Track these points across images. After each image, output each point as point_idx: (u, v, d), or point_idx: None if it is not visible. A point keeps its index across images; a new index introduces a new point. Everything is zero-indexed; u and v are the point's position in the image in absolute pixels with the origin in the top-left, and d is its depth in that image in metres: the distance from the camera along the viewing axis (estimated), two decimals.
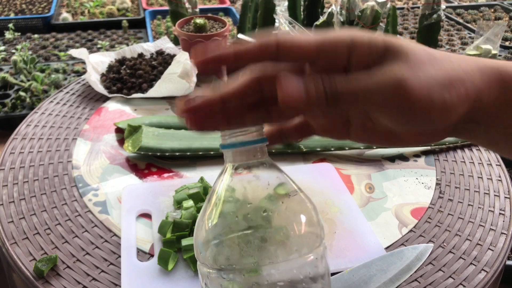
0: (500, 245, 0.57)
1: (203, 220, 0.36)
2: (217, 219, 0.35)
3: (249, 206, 0.35)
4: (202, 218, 0.36)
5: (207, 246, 0.35)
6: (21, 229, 0.57)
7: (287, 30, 0.95)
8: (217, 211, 0.35)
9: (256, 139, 0.36)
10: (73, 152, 0.71)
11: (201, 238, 0.35)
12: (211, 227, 0.35)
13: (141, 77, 0.89)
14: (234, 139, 0.36)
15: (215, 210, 0.35)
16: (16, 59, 1.77)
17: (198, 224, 0.36)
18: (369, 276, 0.50)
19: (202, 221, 0.36)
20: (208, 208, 0.36)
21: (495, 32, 1.23)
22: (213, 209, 0.35)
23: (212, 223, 0.35)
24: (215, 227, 0.35)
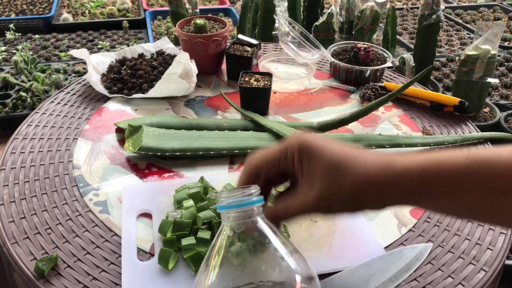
0: (499, 245, 0.57)
1: (202, 277, 0.38)
2: (216, 277, 0.37)
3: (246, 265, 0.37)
4: (201, 275, 0.39)
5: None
6: (22, 228, 0.57)
7: (286, 30, 0.95)
8: (215, 269, 0.38)
9: (253, 200, 0.39)
10: (74, 152, 0.71)
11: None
12: (210, 284, 0.37)
13: (141, 77, 0.89)
14: (232, 200, 0.39)
15: (214, 268, 0.38)
16: (17, 60, 1.78)
17: (198, 280, 0.39)
18: (369, 275, 0.51)
19: (202, 278, 0.38)
20: (208, 266, 0.38)
21: (494, 33, 1.23)
22: (212, 267, 0.38)
23: (211, 280, 0.37)
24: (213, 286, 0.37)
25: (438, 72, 1.88)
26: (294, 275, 0.37)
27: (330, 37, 1.51)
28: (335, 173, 0.40)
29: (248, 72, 0.86)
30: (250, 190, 0.40)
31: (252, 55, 0.92)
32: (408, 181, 0.39)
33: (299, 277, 0.37)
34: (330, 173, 0.41)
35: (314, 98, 0.89)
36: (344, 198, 0.41)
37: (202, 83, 0.92)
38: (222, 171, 0.69)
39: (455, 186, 0.38)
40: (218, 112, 0.84)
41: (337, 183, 0.40)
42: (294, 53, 0.96)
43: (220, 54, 0.95)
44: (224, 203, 0.39)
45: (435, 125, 0.82)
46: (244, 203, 0.39)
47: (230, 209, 0.39)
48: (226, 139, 0.72)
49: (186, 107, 0.85)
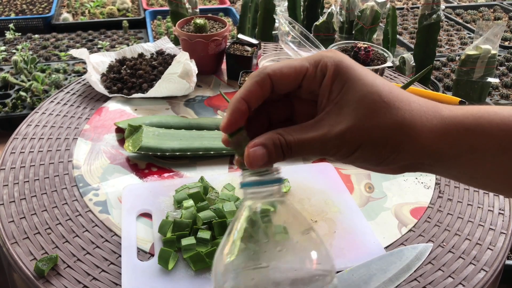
0: (500, 245, 0.57)
1: (222, 254, 0.38)
2: (235, 254, 0.37)
3: (265, 243, 0.37)
4: (221, 252, 0.39)
5: (225, 279, 0.37)
6: (21, 228, 0.57)
7: (286, 30, 0.95)
8: (235, 246, 0.38)
9: (274, 179, 0.38)
10: (74, 152, 0.71)
11: (220, 271, 0.38)
12: (229, 262, 0.37)
13: (141, 77, 0.89)
14: (254, 178, 0.38)
15: (233, 245, 0.38)
16: (17, 59, 1.78)
17: (217, 257, 0.39)
18: (369, 275, 0.50)
19: (221, 255, 0.38)
20: (227, 243, 0.38)
21: (494, 32, 1.23)
22: (231, 244, 0.38)
23: (230, 258, 0.37)
24: (233, 262, 0.37)
25: (439, 71, 1.88)
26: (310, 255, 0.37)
27: (330, 36, 1.51)
28: (375, 108, 0.33)
29: (248, 72, 0.86)
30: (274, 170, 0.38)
31: (252, 55, 0.92)
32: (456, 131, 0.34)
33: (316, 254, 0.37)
34: (369, 106, 0.33)
35: None
36: (379, 140, 0.33)
37: (202, 83, 0.92)
38: (222, 171, 0.69)
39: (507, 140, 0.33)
40: (218, 112, 0.84)
41: (376, 120, 0.33)
42: (294, 52, 0.96)
43: (220, 54, 0.95)
44: (247, 180, 0.38)
45: None
46: (267, 181, 0.38)
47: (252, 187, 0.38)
48: None
49: (186, 107, 0.85)
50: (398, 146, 0.34)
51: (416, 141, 0.34)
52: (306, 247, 0.37)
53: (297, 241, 0.38)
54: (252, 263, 0.37)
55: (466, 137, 0.34)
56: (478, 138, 0.34)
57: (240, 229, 0.38)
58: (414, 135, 0.34)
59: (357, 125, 0.33)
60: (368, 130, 0.33)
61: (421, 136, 0.34)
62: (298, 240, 0.38)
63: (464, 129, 0.34)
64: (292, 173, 0.66)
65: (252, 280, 0.36)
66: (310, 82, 0.35)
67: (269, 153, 0.35)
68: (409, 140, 0.34)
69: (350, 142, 0.34)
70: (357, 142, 0.34)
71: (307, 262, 0.37)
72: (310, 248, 0.37)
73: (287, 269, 0.36)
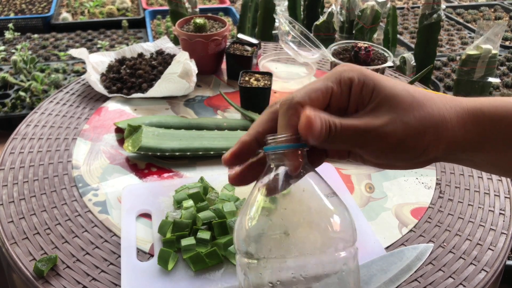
0: (500, 245, 0.57)
1: (244, 219, 0.38)
2: (257, 220, 0.37)
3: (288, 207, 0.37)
4: (242, 218, 0.38)
5: (248, 242, 0.37)
6: (21, 229, 0.57)
7: (286, 29, 0.95)
8: (257, 211, 0.38)
9: (297, 144, 0.38)
10: (73, 152, 0.71)
11: (242, 234, 0.38)
12: (251, 226, 0.37)
13: (141, 77, 0.89)
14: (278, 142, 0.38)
15: (255, 210, 0.38)
16: (16, 59, 1.77)
17: (240, 221, 0.39)
18: (370, 276, 0.50)
19: (243, 220, 0.38)
20: (249, 207, 0.38)
21: (495, 32, 1.23)
22: (253, 209, 0.38)
23: (251, 223, 0.37)
24: (255, 227, 0.37)
25: (439, 71, 1.88)
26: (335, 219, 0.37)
27: (330, 36, 1.50)
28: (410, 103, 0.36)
29: (248, 72, 0.85)
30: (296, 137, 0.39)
31: (252, 54, 0.91)
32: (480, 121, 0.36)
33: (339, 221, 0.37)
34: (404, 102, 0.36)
35: None
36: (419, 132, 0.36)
37: (201, 83, 0.92)
38: (222, 171, 0.68)
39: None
40: (218, 112, 0.83)
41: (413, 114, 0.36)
42: (294, 52, 0.96)
43: (220, 53, 0.94)
44: (271, 144, 0.39)
45: None
46: (290, 145, 0.38)
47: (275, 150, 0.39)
48: (226, 139, 0.72)
49: (185, 106, 0.85)
50: (435, 135, 0.36)
51: (448, 130, 0.36)
52: (329, 210, 0.38)
53: (317, 208, 0.38)
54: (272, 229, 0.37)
55: (486, 125, 0.36)
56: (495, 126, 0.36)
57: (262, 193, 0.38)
58: (445, 127, 0.36)
59: (397, 118, 0.35)
60: (407, 123, 0.35)
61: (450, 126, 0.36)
62: (317, 208, 0.38)
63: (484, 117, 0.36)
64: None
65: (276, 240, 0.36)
66: (337, 99, 0.37)
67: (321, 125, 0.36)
68: (442, 129, 0.36)
69: (391, 134, 0.36)
70: (397, 135, 0.36)
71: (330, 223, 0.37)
72: (332, 211, 0.38)
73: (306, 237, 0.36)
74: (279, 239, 0.36)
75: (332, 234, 0.37)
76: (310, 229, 0.37)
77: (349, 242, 0.37)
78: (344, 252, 0.37)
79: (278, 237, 0.36)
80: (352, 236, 0.38)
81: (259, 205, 0.38)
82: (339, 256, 0.36)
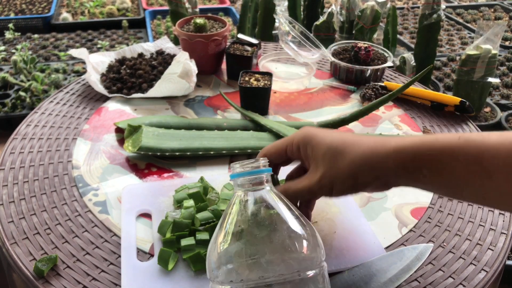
0: (500, 245, 0.57)
1: (216, 243, 0.41)
2: (228, 243, 0.40)
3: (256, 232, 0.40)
4: (215, 242, 0.41)
5: (220, 267, 0.39)
6: (21, 229, 0.57)
7: (286, 29, 0.95)
8: (228, 236, 0.40)
9: (262, 169, 0.43)
10: (73, 152, 0.71)
11: (214, 259, 0.40)
12: (223, 250, 0.40)
13: (141, 77, 0.89)
14: (243, 169, 0.42)
15: (226, 235, 0.40)
16: (16, 59, 1.77)
17: (211, 246, 0.41)
18: (369, 276, 0.50)
19: (215, 244, 0.41)
20: (220, 233, 0.41)
21: (495, 32, 1.23)
22: (224, 234, 0.41)
23: (223, 246, 0.40)
24: (226, 251, 0.40)
25: (439, 71, 1.88)
26: (302, 241, 0.40)
27: (330, 36, 1.50)
28: (334, 156, 0.45)
29: (248, 72, 0.85)
30: (260, 161, 0.43)
31: (252, 54, 0.91)
32: (401, 158, 0.42)
33: (306, 242, 0.40)
34: (330, 157, 0.45)
35: (314, 97, 0.89)
36: (343, 178, 0.45)
37: (202, 83, 0.92)
38: (222, 171, 0.68)
39: (445, 164, 0.41)
40: (218, 112, 0.83)
41: (336, 165, 0.45)
42: (294, 52, 0.96)
43: (220, 53, 0.94)
44: (237, 171, 0.43)
45: (436, 125, 0.82)
46: (254, 171, 0.42)
47: (241, 177, 0.42)
48: (226, 139, 0.72)
49: (185, 107, 0.85)
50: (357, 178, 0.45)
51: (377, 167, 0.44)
52: (295, 234, 0.40)
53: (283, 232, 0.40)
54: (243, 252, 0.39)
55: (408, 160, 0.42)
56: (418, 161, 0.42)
57: (232, 219, 0.41)
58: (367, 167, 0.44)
59: (326, 171, 0.46)
60: (333, 172, 0.45)
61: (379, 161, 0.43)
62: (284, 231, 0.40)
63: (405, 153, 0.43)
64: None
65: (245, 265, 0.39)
66: (292, 154, 0.50)
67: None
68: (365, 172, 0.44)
69: (326, 184, 0.46)
70: (330, 182, 0.46)
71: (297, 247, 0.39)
72: (299, 234, 0.40)
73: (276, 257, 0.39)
74: (249, 264, 0.38)
75: (300, 256, 0.39)
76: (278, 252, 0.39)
77: (316, 261, 0.40)
78: (312, 271, 0.39)
79: (248, 261, 0.39)
80: (319, 256, 0.40)
81: (229, 231, 0.40)
82: (307, 276, 0.39)
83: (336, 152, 0.45)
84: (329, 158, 0.46)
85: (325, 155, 0.46)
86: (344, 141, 0.46)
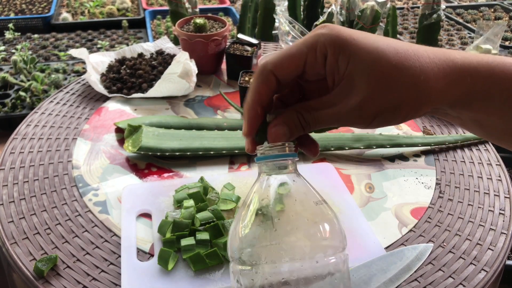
0: (500, 245, 0.57)
1: (237, 227, 0.39)
2: (250, 228, 0.39)
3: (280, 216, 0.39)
4: (236, 226, 0.40)
5: (241, 249, 0.38)
6: (21, 229, 0.57)
7: (286, 29, 0.95)
8: (250, 220, 0.39)
9: (288, 153, 0.40)
10: (73, 152, 0.71)
11: (235, 243, 0.39)
12: (244, 235, 0.39)
13: (141, 77, 0.89)
14: (269, 152, 0.40)
15: (248, 218, 0.39)
16: (16, 59, 1.77)
17: (233, 230, 0.40)
18: (369, 276, 0.50)
19: (237, 228, 0.39)
20: (242, 216, 0.40)
21: (495, 32, 1.23)
22: (246, 218, 0.39)
23: (244, 231, 0.39)
24: (248, 235, 0.38)
25: None
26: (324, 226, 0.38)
27: None
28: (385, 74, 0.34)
29: (248, 72, 0.85)
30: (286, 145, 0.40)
31: (252, 54, 0.91)
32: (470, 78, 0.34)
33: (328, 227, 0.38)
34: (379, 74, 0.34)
35: None
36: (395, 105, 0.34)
37: (202, 83, 0.92)
38: (222, 171, 0.68)
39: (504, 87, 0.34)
40: (218, 112, 0.83)
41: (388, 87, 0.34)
42: None
43: (220, 53, 0.94)
44: (263, 154, 0.40)
45: (436, 125, 0.82)
46: (280, 155, 0.39)
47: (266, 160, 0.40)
48: (226, 139, 0.72)
49: (185, 106, 0.85)
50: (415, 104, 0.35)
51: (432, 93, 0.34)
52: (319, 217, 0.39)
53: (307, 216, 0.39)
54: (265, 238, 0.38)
55: (479, 84, 0.34)
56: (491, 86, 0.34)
57: (255, 202, 0.39)
58: (428, 89, 0.34)
59: (371, 96, 0.34)
60: (382, 98, 0.34)
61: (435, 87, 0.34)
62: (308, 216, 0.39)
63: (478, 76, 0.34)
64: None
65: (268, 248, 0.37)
66: (312, 66, 0.36)
67: (291, 130, 0.37)
68: (425, 95, 0.34)
69: (367, 112, 0.35)
70: (373, 112, 0.35)
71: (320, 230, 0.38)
72: (322, 218, 0.39)
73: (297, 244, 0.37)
74: (271, 247, 0.37)
75: (322, 241, 0.38)
76: (301, 237, 0.38)
77: (338, 248, 0.39)
78: (334, 258, 0.38)
79: (270, 245, 0.37)
80: (341, 242, 0.39)
81: (252, 214, 0.39)
82: (329, 261, 0.38)
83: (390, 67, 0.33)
84: (378, 74, 0.33)
85: (371, 69, 0.34)
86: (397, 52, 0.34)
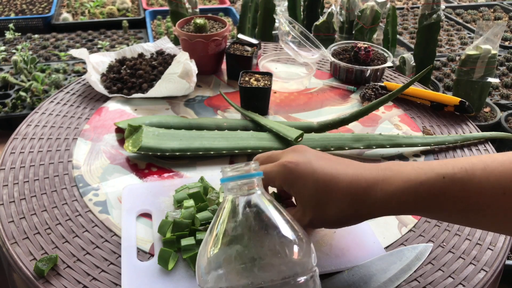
0: (500, 245, 0.57)
1: (206, 248, 0.40)
2: (218, 248, 0.39)
3: (247, 237, 0.39)
4: (204, 247, 0.40)
5: (209, 271, 0.39)
6: (21, 228, 0.57)
7: (286, 29, 0.95)
8: (217, 241, 0.40)
9: (253, 173, 0.42)
10: (74, 152, 0.71)
11: (203, 264, 0.40)
12: (213, 255, 0.39)
13: (141, 77, 0.89)
14: (234, 173, 0.41)
15: (216, 240, 0.40)
16: (17, 59, 1.78)
17: (201, 252, 0.40)
18: (369, 275, 0.50)
19: (205, 249, 0.40)
20: (210, 238, 0.40)
21: (494, 32, 1.23)
22: (214, 239, 0.40)
23: (213, 252, 0.39)
24: (216, 256, 0.39)
25: (439, 71, 1.88)
26: (293, 246, 0.39)
27: (330, 36, 1.51)
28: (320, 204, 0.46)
29: (248, 72, 0.86)
30: (251, 165, 0.42)
31: (252, 54, 0.92)
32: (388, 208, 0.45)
33: (297, 248, 0.39)
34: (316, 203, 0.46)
35: (314, 98, 0.89)
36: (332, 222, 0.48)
37: (202, 83, 0.92)
38: None
39: (431, 206, 0.43)
40: (218, 112, 0.84)
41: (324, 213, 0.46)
42: (294, 52, 0.96)
43: (220, 53, 0.95)
44: (227, 175, 0.42)
45: (436, 125, 0.82)
46: (245, 175, 0.41)
47: (231, 181, 0.41)
48: (226, 139, 0.72)
49: (186, 107, 0.85)
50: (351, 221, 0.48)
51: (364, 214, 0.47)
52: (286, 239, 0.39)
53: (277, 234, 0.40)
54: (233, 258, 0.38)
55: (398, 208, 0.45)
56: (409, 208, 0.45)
57: (222, 224, 0.40)
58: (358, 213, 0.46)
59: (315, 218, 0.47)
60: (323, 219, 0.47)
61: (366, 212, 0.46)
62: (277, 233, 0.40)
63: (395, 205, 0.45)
64: None
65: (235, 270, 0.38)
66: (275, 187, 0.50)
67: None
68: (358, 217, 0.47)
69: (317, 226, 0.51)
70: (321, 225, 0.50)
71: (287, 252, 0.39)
72: (290, 240, 0.39)
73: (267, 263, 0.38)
74: (239, 270, 0.38)
75: (289, 263, 0.39)
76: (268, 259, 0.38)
77: (307, 267, 0.39)
78: (303, 277, 0.39)
79: (238, 267, 0.38)
80: (310, 262, 0.40)
81: (218, 236, 0.40)
82: (298, 282, 0.38)
83: (322, 200, 0.46)
84: (315, 204, 0.46)
85: (311, 201, 0.46)
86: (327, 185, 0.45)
